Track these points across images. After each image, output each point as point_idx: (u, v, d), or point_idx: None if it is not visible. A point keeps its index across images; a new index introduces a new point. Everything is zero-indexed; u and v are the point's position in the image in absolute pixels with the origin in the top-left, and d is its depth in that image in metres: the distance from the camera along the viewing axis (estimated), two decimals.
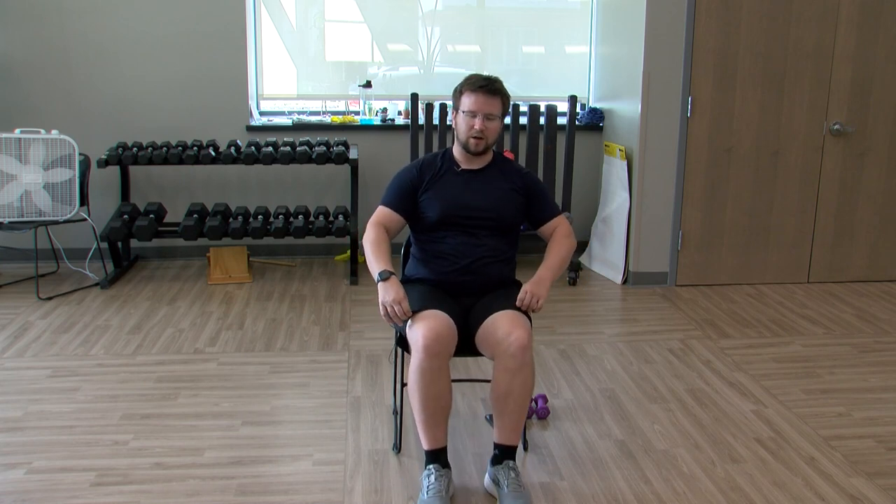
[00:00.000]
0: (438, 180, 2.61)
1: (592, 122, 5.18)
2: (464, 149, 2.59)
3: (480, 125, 2.52)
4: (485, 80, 2.54)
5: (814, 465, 2.65)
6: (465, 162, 2.64)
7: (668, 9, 4.33)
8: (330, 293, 4.48)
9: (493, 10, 5.39)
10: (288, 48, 5.27)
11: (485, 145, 2.56)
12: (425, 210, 2.60)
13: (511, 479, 2.39)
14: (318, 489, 2.48)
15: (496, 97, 2.54)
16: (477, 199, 2.58)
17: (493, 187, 2.61)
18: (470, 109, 2.53)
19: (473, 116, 2.52)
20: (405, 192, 2.62)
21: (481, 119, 2.52)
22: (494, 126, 2.55)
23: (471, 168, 2.63)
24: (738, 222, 4.62)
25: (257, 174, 5.10)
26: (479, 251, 2.56)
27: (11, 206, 4.37)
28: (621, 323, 4.07)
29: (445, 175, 2.62)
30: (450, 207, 2.57)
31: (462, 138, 2.57)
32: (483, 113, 2.52)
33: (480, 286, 2.57)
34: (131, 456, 2.66)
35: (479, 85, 2.53)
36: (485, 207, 2.58)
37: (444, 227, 2.58)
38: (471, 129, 2.53)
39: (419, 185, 2.62)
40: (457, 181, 2.61)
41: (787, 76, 4.46)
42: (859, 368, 3.48)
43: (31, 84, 4.86)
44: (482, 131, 2.53)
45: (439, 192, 2.59)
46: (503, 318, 2.39)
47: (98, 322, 3.95)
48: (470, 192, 2.59)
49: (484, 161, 2.65)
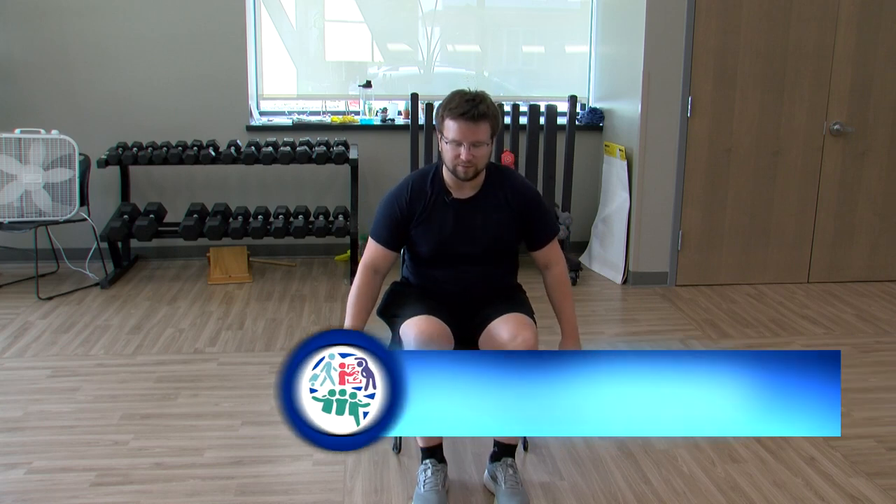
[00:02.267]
0: (429, 213, 2.42)
1: (592, 122, 5.18)
2: (452, 174, 2.37)
3: (467, 155, 2.28)
4: (468, 105, 2.27)
5: (814, 465, 2.65)
6: (456, 189, 2.41)
7: (668, 9, 4.33)
8: (330, 293, 4.48)
9: (493, 10, 5.39)
10: (288, 48, 5.27)
11: (474, 171, 2.34)
12: (416, 244, 2.46)
13: (509, 477, 2.39)
14: (318, 489, 2.48)
15: (482, 122, 2.28)
16: (470, 236, 2.42)
17: (487, 218, 2.42)
18: (454, 138, 2.29)
19: (458, 145, 2.28)
20: (396, 227, 2.43)
21: (467, 148, 2.28)
22: (483, 152, 2.31)
23: (462, 197, 2.42)
24: (738, 222, 4.62)
25: (257, 174, 5.09)
26: (473, 280, 2.47)
27: (11, 206, 4.37)
28: (621, 323, 4.07)
29: (436, 206, 2.42)
30: (441, 245, 2.43)
31: (449, 166, 2.35)
32: (468, 141, 2.27)
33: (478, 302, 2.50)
34: (131, 456, 2.66)
35: (462, 111, 2.26)
36: (478, 243, 2.43)
37: (436, 262, 2.47)
38: (456, 158, 2.30)
39: (410, 218, 2.43)
40: (447, 215, 2.41)
41: (787, 76, 4.46)
42: (859, 368, 3.48)
43: (31, 84, 4.85)
44: (469, 161, 2.29)
45: (430, 227, 2.42)
46: (509, 321, 2.37)
47: (98, 322, 3.95)
48: (462, 227, 2.42)
49: (477, 185, 2.42)
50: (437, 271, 2.49)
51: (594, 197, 5.15)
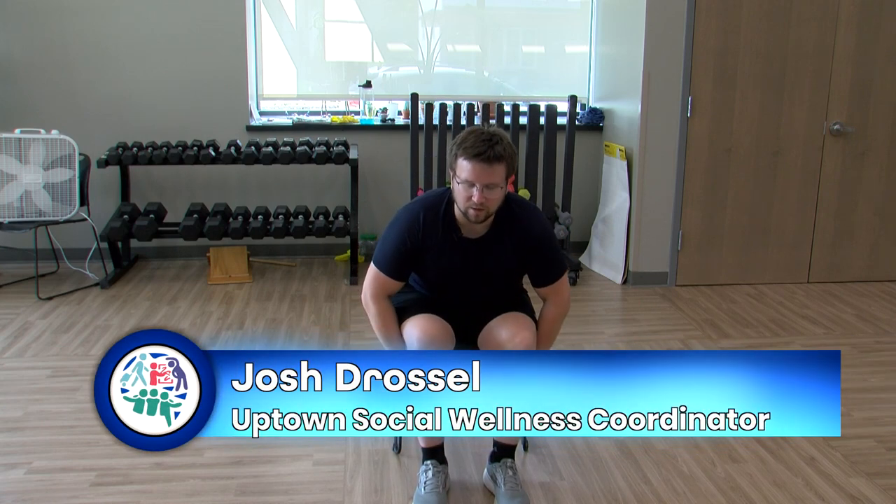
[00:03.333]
0: (438, 250, 2.35)
1: (592, 122, 5.18)
2: (464, 215, 2.28)
3: (479, 198, 2.19)
4: (484, 146, 2.17)
5: (814, 465, 2.65)
6: (467, 228, 2.33)
7: (668, 9, 4.33)
8: (330, 293, 4.48)
9: (493, 10, 5.38)
10: (288, 48, 5.27)
11: (486, 215, 2.25)
12: (421, 274, 2.45)
13: (508, 478, 2.39)
14: (318, 489, 2.48)
15: (497, 164, 2.18)
16: (477, 274, 2.39)
17: (496, 260, 2.37)
18: (467, 179, 2.19)
19: (471, 186, 2.19)
20: (405, 259, 2.36)
21: (480, 191, 2.19)
22: (496, 195, 2.22)
23: (472, 237, 2.35)
24: (738, 222, 4.61)
25: (257, 174, 5.09)
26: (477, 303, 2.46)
27: (11, 206, 4.37)
28: (621, 323, 4.07)
29: (445, 242, 2.34)
30: (448, 279, 2.41)
31: (461, 207, 2.26)
32: (482, 184, 2.18)
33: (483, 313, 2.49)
34: (131, 456, 2.65)
35: (476, 153, 2.17)
36: (485, 281, 2.41)
37: (441, 288, 2.45)
38: (468, 200, 2.21)
39: (421, 250, 2.35)
40: (455, 254, 2.35)
41: (787, 76, 4.46)
42: (859, 368, 3.48)
43: (31, 84, 4.85)
44: (482, 203, 2.20)
45: (438, 261, 2.36)
46: (508, 320, 2.37)
47: (98, 322, 3.95)
48: (469, 267, 2.37)
49: (487, 224, 2.33)
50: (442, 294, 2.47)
51: (594, 197, 5.15)
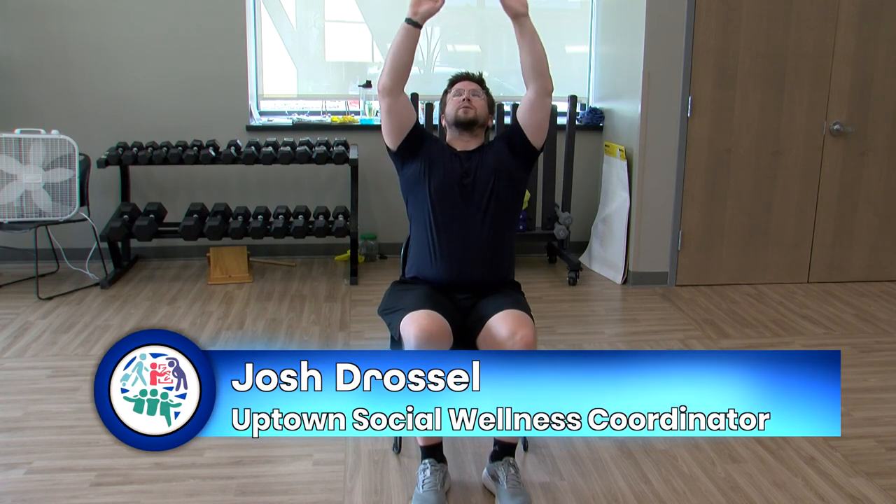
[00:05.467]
0: (436, 159, 2.58)
1: (592, 122, 5.18)
2: (455, 124, 2.61)
3: (467, 95, 2.61)
4: (468, 73, 2.73)
5: (814, 465, 2.65)
6: (461, 144, 2.64)
7: (668, 9, 4.33)
8: (330, 293, 4.48)
9: (494, 10, 5.37)
10: (288, 48, 5.27)
11: (474, 114, 2.60)
12: (422, 184, 2.57)
13: (510, 476, 2.39)
14: (318, 489, 2.48)
15: (480, 85, 2.68)
16: (470, 176, 2.56)
17: (484, 164, 2.59)
18: (456, 90, 2.65)
19: (460, 94, 2.62)
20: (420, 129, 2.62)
21: (467, 93, 2.61)
22: (481, 103, 2.63)
23: (466, 149, 2.62)
24: (738, 222, 4.62)
25: (257, 174, 5.09)
26: (476, 243, 2.53)
27: (11, 206, 4.37)
28: (621, 323, 4.07)
29: (444, 154, 2.61)
30: (444, 184, 2.54)
31: (451, 116, 2.62)
32: (469, 90, 2.63)
33: (477, 282, 2.55)
34: (131, 456, 2.65)
35: (464, 76, 2.71)
36: (478, 182, 2.55)
37: (439, 208, 2.54)
38: (458, 103, 2.60)
39: (424, 141, 2.60)
40: (453, 162, 2.60)
41: (787, 76, 4.46)
42: (859, 368, 3.48)
43: (31, 84, 4.85)
44: (469, 100, 2.60)
45: (435, 169, 2.57)
46: (507, 317, 2.37)
47: (98, 322, 3.95)
48: (464, 170, 2.58)
49: (478, 142, 2.65)
50: (439, 234, 2.54)
51: (594, 197, 5.15)
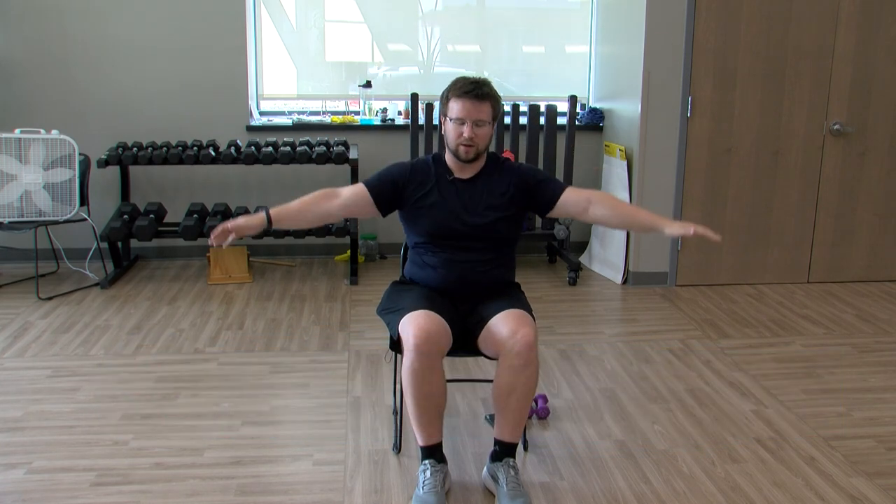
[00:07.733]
0: (431, 190, 2.52)
1: (592, 122, 5.18)
2: (454, 156, 2.50)
3: (469, 132, 2.42)
4: (472, 85, 2.42)
5: (814, 465, 2.65)
6: (458, 170, 2.54)
7: (668, 9, 4.33)
8: (330, 293, 4.48)
9: (493, 10, 5.38)
10: (288, 48, 5.27)
11: (475, 152, 2.46)
12: (418, 220, 2.54)
13: (510, 477, 2.39)
14: (318, 489, 2.48)
15: (485, 102, 2.42)
16: (470, 216, 2.50)
17: (487, 199, 2.51)
18: (458, 116, 2.43)
19: (462, 124, 2.42)
20: (388, 183, 2.55)
21: (470, 126, 2.42)
22: (485, 132, 2.45)
23: (463, 177, 2.54)
24: (738, 222, 4.62)
25: (257, 174, 5.10)
26: (471, 264, 2.52)
27: (11, 206, 4.37)
28: (621, 323, 4.07)
29: (439, 184, 2.52)
30: (442, 224, 2.50)
31: (451, 146, 2.48)
32: (471, 120, 2.42)
33: (476, 292, 2.55)
34: (131, 456, 2.66)
35: (466, 90, 2.41)
36: (478, 224, 2.50)
37: (436, 241, 2.53)
38: (459, 136, 2.43)
39: (406, 185, 2.53)
40: (449, 192, 2.52)
41: (787, 76, 4.46)
42: (859, 368, 3.48)
43: (31, 84, 4.86)
44: (471, 139, 2.43)
45: (432, 205, 2.51)
46: (508, 317, 2.38)
47: (98, 322, 3.95)
48: (462, 206, 2.50)
49: (477, 167, 2.55)
50: (437, 256, 2.53)
51: None
